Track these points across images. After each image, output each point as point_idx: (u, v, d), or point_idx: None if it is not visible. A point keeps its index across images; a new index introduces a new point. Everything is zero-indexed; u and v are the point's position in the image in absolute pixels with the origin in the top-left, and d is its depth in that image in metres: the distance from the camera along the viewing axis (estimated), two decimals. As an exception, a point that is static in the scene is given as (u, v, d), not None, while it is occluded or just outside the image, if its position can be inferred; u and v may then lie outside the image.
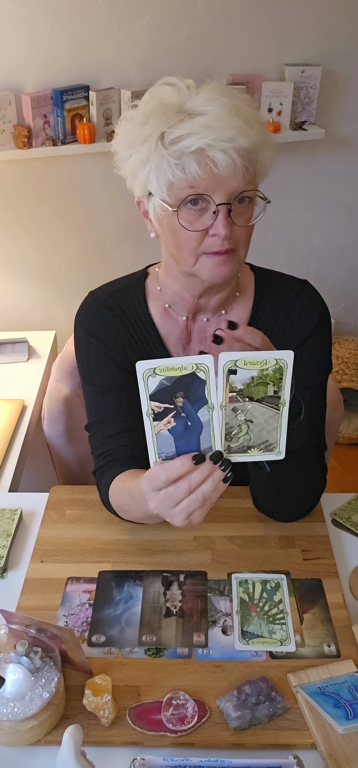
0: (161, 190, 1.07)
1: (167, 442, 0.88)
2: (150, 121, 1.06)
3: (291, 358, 0.86)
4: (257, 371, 0.86)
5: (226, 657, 1.01)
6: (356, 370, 2.94)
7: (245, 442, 0.89)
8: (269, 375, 0.86)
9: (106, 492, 1.19)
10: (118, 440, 1.20)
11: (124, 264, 2.63)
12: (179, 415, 0.87)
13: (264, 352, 0.86)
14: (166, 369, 0.85)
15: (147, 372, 0.85)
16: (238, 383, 0.86)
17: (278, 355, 0.86)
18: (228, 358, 0.85)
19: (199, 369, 0.85)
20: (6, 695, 0.90)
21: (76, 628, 1.05)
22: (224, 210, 1.04)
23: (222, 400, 0.87)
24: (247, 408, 0.87)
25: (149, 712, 0.92)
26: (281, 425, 0.89)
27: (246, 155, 1.03)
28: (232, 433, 0.89)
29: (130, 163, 1.10)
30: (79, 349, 1.27)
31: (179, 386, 0.85)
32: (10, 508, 1.27)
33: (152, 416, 0.87)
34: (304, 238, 2.96)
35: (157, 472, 0.89)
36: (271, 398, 0.88)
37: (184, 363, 0.85)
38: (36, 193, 2.49)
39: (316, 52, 2.60)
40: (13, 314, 2.63)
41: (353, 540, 1.23)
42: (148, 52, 2.40)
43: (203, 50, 2.46)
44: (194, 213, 1.06)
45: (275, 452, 0.91)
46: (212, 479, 0.89)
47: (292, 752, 0.84)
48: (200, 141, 1.01)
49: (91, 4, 2.28)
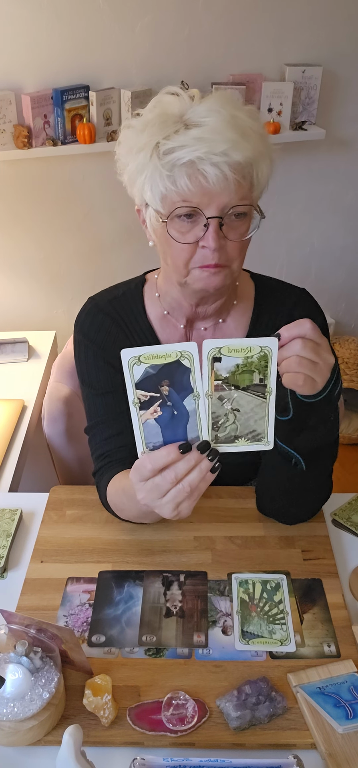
0: (155, 200, 1.07)
1: (154, 431, 0.88)
2: (147, 129, 1.06)
3: (276, 345, 0.86)
4: (242, 359, 0.86)
5: (226, 657, 1.01)
6: (356, 370, 2.94)
7: (232, 431, 0.89)
8: (254, 363, 0.86)
9: (105, 493, 1.19)
10: (117, 441, 1.21)
11: (124, 264, 2.65)
12: (165, 404, 0.86)
13: (248, 339, 0.86)
14: (151, 357, 0.85)
15: (132, 360, 0.85)
16: (223, 371, 0.86)
17: (262, 342, 0.85)
18: (212, 345, 0.85)
19: (183, 356, 0.85)
20: (6, 695, 0.89)
21: (76, 628, 1.05)
22: (215, 223, 1.04)
23: (208, 389, 0.86)
24: (233, 396, 0.87)
25: (149, 712, 0.92)
26: (269, 414, 0.89)
27: (239, 169, 1.03)
28: (219, 422, 0.88)
29: (129, 170, 1.10)
30: (78, 353, 1.27)
31: (164, 374, 0.85)
32: (10, 508, 1.27)
33: (139, 405, 0.86)
34: (304, 239, 2.96)
35: (144, 462, 0.89)
36: (257, 387, 0.87)
37: (168, 350, 0.85)
38: (36, 193, 2.49)
39: (317, 53, 2.60)
40: (13, 314, 2.63)
41: (353, 540, 1.23)
42: (148, 52, 2.40)
43: (203, 50, 2.46)
44: (186, 225, 1.06)
45: (263, 442, 0.90)
46: (198, 469, 0.88)
47: (292, 752, 0.84)
48: (191, 153, 1.01)
49: (92, 4, 2.28)
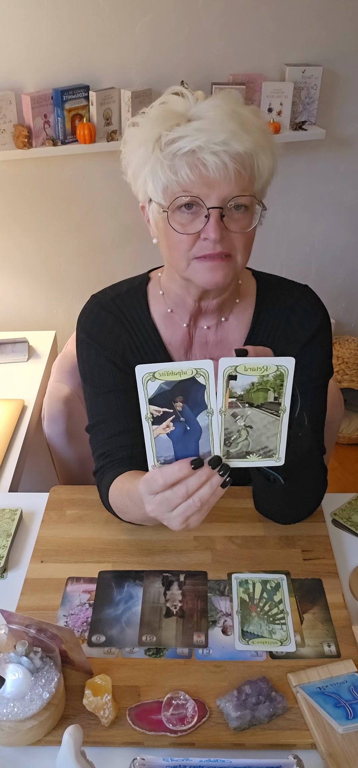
0: (157, 193, 1.07)
1: (166, 446, 0.88)
2: (150, 124, 1.07)
3: (292, 364, 0.85)
4: (258, 377, 0.85)
5: (226, 657, 1.01)
6: (356, 370, 2.94)
7: (244, 447, 0.89)
8: (270, 381, 0.86)
9: (106, 493, 1.19)
10: (119, 440, 1.21)
11: (125, 264, 2.65)
12: (178, 420, 0.86)
13: (265, 359, 0.86)
14: (166, 373, 0.84)
15: (146, 376, 0.85)
16: (238, 389, 0.86)
17: (278, 362, 0.85)
18: (228, 364, 0.85)
19: (198, 374, 0.85)
20: (6, 695, 0.89)
21: (76, 628, 1.05)
22: (216, 214, 1.04)
23: (222, 406, 0.86)
24: (246, 414, 0.87)
25: (149, 712, 0.92)
26: (281, 431, 0.89)
27: (240, 160, 1.03)
28: (231, 438, 0.88)
29: (132, 165, 1.11)
30: (80, 352, 1.27)
31: (179, 391, 0.85)
32: (10, 508, 1.27)
33: (151, 420, 0.87)
34: (304, 239, 2.96)
35: (155, 476, 0.89)
36: (271, 404, 0.87)
37: (184, 368, 0.84)
38: (36, 193, 2.49)
39: (317, 52, 2.60)
40: (13, 314, 2.63)
41: (353, 540, 1.23)
42: (148, 52, 2.40)
43: (203, 50, 2.46)
44: (187, 216, 1.06)
45: (275, 458, 0.90)
46: (210, 484, 0.88)
47: (292, 752, 0.84)
48: (192, 143, 1.01)
49: (92, 4, 2.28)
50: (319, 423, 1.25)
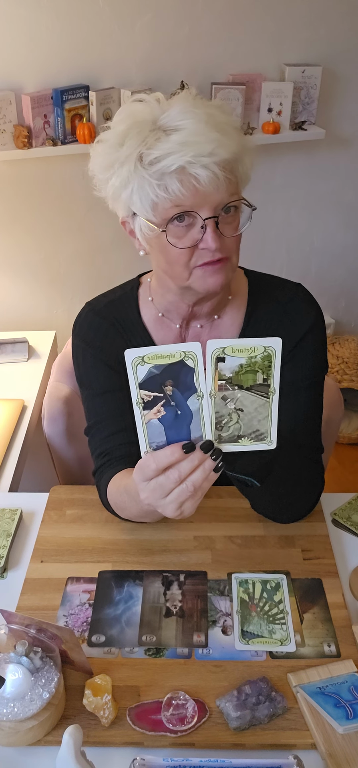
0: (146, 210, 1.07)
1: (158, 431, 0.88)
2: (126, 142, 1.06)
3: (279, 345, 0.86)
4: (246, 359, 0.86)
5: (226, 657, 1.01)
6: (356, 370, 2.94)
7: (235, 431, 0.89)
8: (258, 362, 0.86)
9: (105, 491, 1.19)
10: (117, 439, 1.21)
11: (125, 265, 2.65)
12: (168, 404, 0.86)
13: (252, 339, 0.86)
14: (155, 357, 0.85)
15: (136, 360, 0.85)
16: (227, 371, 0.86)
17: (266, 342, 0.85)
18: (216, 345, 0.85)
19: (187, 356, 0.85)
20: (6, 695, 0.90)
21: (76, 628, 1.05)
22: (212, 224, 1.05)
23: (211, 389, 0.86)
24: (236, 396, 0.87)
25: (149, 712, 0.92)
26: (271, 414, 0.89)
27: (228, 166, 1.04)
28: (222, 422, 0.88)
29: (111, 185, 1.10)
30: (75, 357, 1.28)
31: (168, 374, 0.85)
32: (10, 508, 1.27)
33: (142, 405, 0.87)
34: (304, 238, 2.96)
35: (147, 461, 0.89)
36: (260, 386, 0.87)
37: (172, 351, 0.85)
38: (36, 193, 2.49)
39: (316, 52, 2.60)
40: (13, 314, 2.63)
41: (353, 540, 1.23)
42: (148, 51, 2.40)
43: (203, 50, 2.46)
44: (182, 229, 1.06)
45: (266, 442, 0.90)
46: (202, 468, 0.88)
47: (292, 752, 0.84)
48: (180, 159, 1.01)
49: (92, 4, 2.28)
50: (315, 420, 1.24)
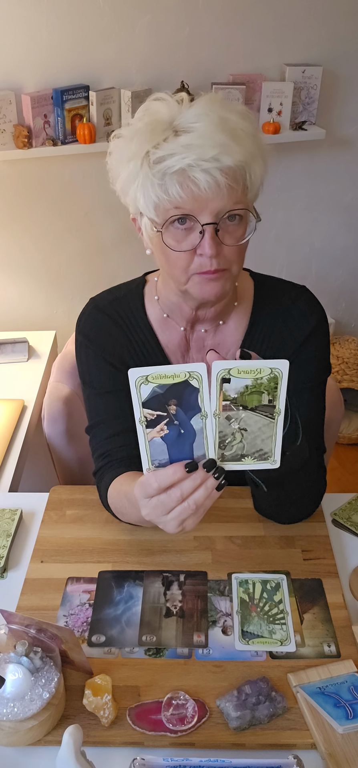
0: (148, 209, 1.07)
1: (160, 449, 0.88)
2: (137, 138, 1.06)
3: (286, 367, 0.85)
4: (251, 380, 0.85)
5: (226, 657, 1.01)
6: (356, 370, 2.94)
7: (238, 450, 0.88)
8: (264, 384, 0.85)
9: (106, 493, 1.19)
10: (118, 440, 1.21)
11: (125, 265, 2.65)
12: (171, 423, 0.86)
13: (259, 361, 0.85)
14: (159, 377, 0.84)
15: (139, 379, 0.84)
16: (231, 392, 0.85)
17: (272, 364, 0.85)
18: (221, 367, 0.84)
19: (192, 377, 0.84)
20: (6, 695, 0.89)
21: (76, 628, 1.05)
22: (211, 230, 1.03)
23: (216, 409, 0.86)
24: (241, 416, 0.87)
25: (149, 712, 0.92)
26: (276, 434, 0.88)
27: (231, 173, 1.01)
28: (226, 441, 0.88)
29: (121, 180, 1.10)
30: (79, 354, 1.27)
31: (172, 394, 0.85)
32: (10, 508, 1.27)
33: (145, 423, 0.86)
34: (304, 239, 2.96)
35: (149, 480, 0.89)
36: (265, 407, 0.87)
37: (177, 371, 0.84)
38: (36, 193, 2.49)
39: (317, 52, 2.60)
40: (13, 314, 2.63)
41: (353, 540, 1.23)
42: (148, 52, 2.40)
43: (203, 50, 2.46)
44: (181, 232, 1.05)
45: (270, 461, 0.90)
46: (204, 487, 0.88)
47: (292, 752, 0.84)
48: (181, 161, 1.00)
49: (92, 4, 2.28)
50: (318, 422, 1.24)
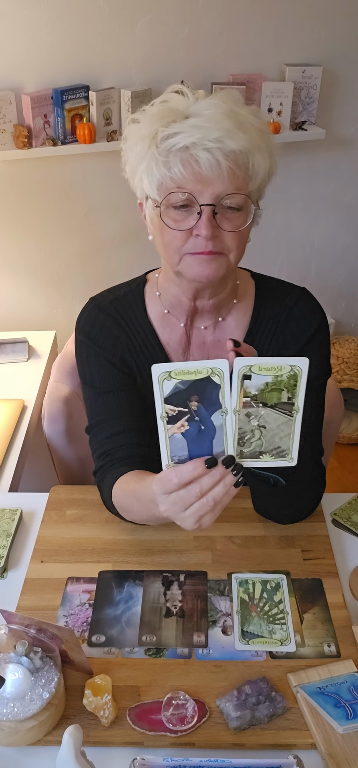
0: (152, 189, 1.08)
1: (180, 445, 0.88)
2: (148, 121, 1.08)
3: (306, 365, 0.86)
4: (272, 377, 0.86)
5: (226, 657, 1.01)
6: (356, 370, 2.94)
7: (257, 447, 0.89)
8: (284, 381, 0.86)
9: (109, 493, 1.18)
10: (119, 440, 1.21)
11: (125, 265, 2.65)
12: (192, 419, 0.87)
13: (279, 359, 0.86)
14: (182, 372, 0.85)
15: (162, 375, 0.85)
16: (252, 389, 0.86)
17: (293, 362, 0.86)
18: (243, 363, 0.85)
19: (214, 373, 0.85)
20: (6, 695, 0.89)
21: (76, 628, 1.05)
22: (208, 211, 1.04)
23: (236, 405, 0.87)
24: (260, 413, 0.87)
25: (149, 712, 0.92)
26: (294, 432, 0.89)
27: (234, 158, 1.03)
28: (245, 438, 0.89)
29: (130, 162, 1.11)
30: (79, 353, 1.27)
31: (194, 390, 0.85)
32: (10, 508, 1.27)
33: (166, 419, 0.87)
34: (304, 239, 2.96)
35: (169, 475, 0.89)
36: (284, 404, 0.88)
37: (199, 367, 0.85)
38: (36, 193, 2.49)
39: (317, 52, 2.60)
40: (13, 314, 2.63)
41: (353, 540, 1.23)
42: (148, 52, 2.40)
43: (203, 50, 2.46)
44: (180, 213, 1.07)
45: (287, 458, 0.91)
46: (223, 483, 0.88)
47: (292, 752, 0.84)
48: (186, 139, 1.02)
49: (91, 4, 2.28)
50: (317, 424, 1.25)
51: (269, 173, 1.11)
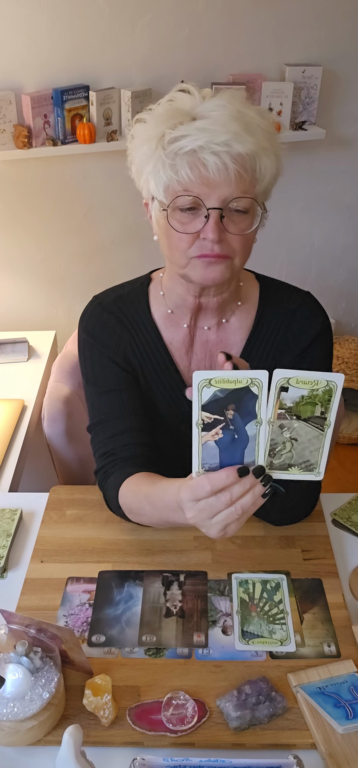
0: (158, 191, 1.08)
1: (212, 453, 0.89)
2: (155, 122, 1.07)
3: (342, 380, 0.86)
4: (308, 391, 0.86)
5: (226, 657, 1.01)
6: (356, 370, 2.94)
7: (287, 459, 0.90)
8: (319, 396, 0.87)
9: (114, 493, 1.17)
10: (122, 440, 1.20)
11: (125, 265, 2.65)
12: (227, 427, 0.87)
13: (316, 373, 0.86)
14: (222, 381, 0.85)
15: (203, 382, 0.85)
16: (288, 401, 0.87)
17: (329, 377, 0.86)
18: (282, 375, 0.86)
19: (253, 383, 0.85)
20: (6, 695, 0.89)
21: (76, 628, 1.05)
22: (215, 215, 1.04)
23: (271, 416, 0.87)
24: (293, 426, 0.88)
25: (149, 712, 0.92)
26: (324, 446, 0.89)
27: (241, 161, 1.03)
28: (276, 449, 0.89)
29: (136, 163, 1.11)
30: (82, 352, 1.27)
31: (232, 398, 0.86)
32: (10, 508, 1.27)
33: (201, 426, 0.87)
34: (304, 239, 2.96)
35: (202, 482, 0.89)
36: (317, 419, 0.88)
37: (239, 376, 0.85)
38: (36, 193, 2.49)
39: (317, 52, 2.60)
40: (13, 314, 2.63)
41: (353, 540, 1.23)
42: (148, 51, 2.40)
43: (203, 50, 2.46)
44: (187, 216, 1.07)
45: (315, 473, 0.91)
46: (252, 493, 0.89)
47: (292, 752, 0.84)
48: (193, 142, 1.02)
49: (92, 4, 2.28)
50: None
51: (276, 175, 1.10)
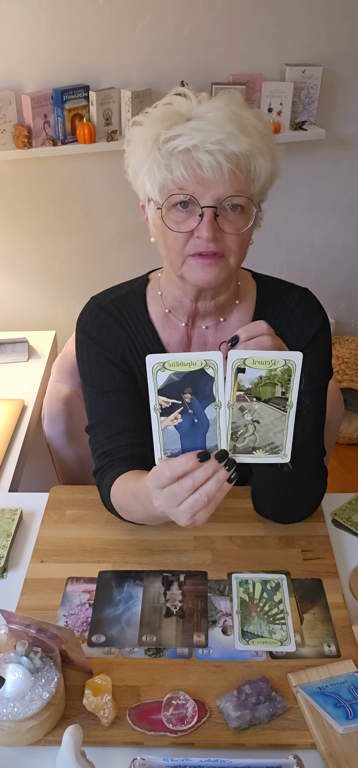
0: (154, 191, 1.08)
1: (173, 438, 0.88)
2: (151, 123, 1.08)
3: (300, 359, 0.85)
4: (266, 371, 0.85)
5: (226, 657, 1.01)
6: (356, 370, 2.94)
7: (250, 442, 0.89)
8: (278, 376, 0.86)
9: (108, 492, 1.18)
10: (119, 440, 1.21)
11: (125, 265, 2.65)
12: (186, 412, 0.86)
13: (273, 352, 0.86)
14: (176, 364, 0.85)
15: (156, 366, 0.84)
16: (246, 382, 0.86)
17: (287, 356, 0.85)
18: (237, 356, 0.85)
19: (208, 365, 0.85)
20: (6, 695, 0.90)
21: (76, 628, 1.05)
22: (209, 213, 1.04)
23: (230, 399, 0.86)
24: (254, 408, 0.87)
25: (149, 712, 0.92)
26: (288, 428, 0.89)
27: (235, 160, 1.03)
28: (238, 432, 0.88)
29: (132, 164, 1.12)
30: (80, 352, 1.27)
31: (188, 382, 0.85)
32: (10, 508, 1.27)
33: (160, 411, 0.86)
34: (304, 239, 2.96)
35: (162, 469, 0.89)
36: (278, 399, 0.87)
37: (193, 358, 0.85)
38: (36, 193, 2.49)
39: (317, 52, 2.60)
40: (13, 314, 2.63)
41: (353, 540, 1.23)
42: (148, 51, 2.40)
43: (203, 50, 2.46)
44: (182, 215, 1.07)
45: (281, 455, 0.90)
46: (216, 478, 0.88)
47: (292, 752, 0.84)
48: (187, 141, 1.02)
49: (92, 4, 2.28)
50: (318, 425, 1.25)
51: (272, 176, 1.11)
